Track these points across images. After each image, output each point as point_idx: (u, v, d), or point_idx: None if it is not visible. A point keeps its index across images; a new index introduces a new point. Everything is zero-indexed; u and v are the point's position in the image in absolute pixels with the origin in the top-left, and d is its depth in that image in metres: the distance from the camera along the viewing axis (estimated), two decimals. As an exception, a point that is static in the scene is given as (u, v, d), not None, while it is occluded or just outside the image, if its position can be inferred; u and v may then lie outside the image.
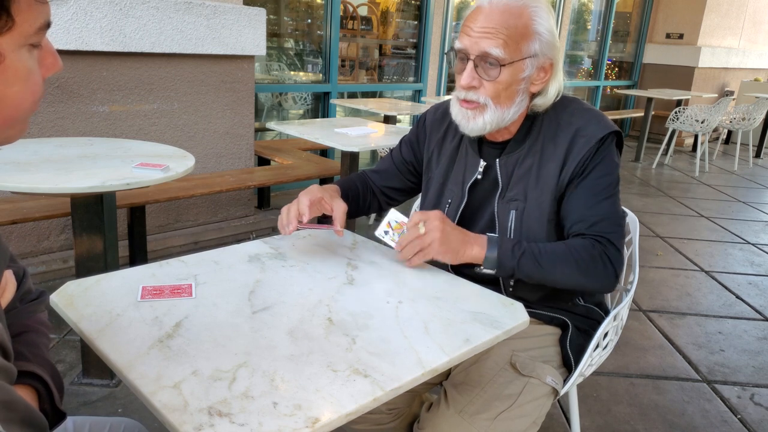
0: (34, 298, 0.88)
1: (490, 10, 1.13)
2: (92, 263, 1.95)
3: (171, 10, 2.94)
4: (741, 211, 5.02)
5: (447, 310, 1.03)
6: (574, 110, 1.26)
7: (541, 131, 1.25)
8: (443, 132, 1.38)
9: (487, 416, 1.13)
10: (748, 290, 3.31)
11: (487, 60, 1.14)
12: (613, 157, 1.22)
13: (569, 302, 1.33)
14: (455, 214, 1.32)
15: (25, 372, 0.76)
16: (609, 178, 1.21)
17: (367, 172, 1.49)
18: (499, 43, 1.12)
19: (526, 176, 1.24)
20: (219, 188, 3.00)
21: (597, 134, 1.20)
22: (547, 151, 1.23)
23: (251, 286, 1.06)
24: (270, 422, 0.70)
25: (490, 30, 1.12)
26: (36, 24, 0.58)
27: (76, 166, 1.85)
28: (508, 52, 1.13)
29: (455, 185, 1.33)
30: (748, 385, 2.34)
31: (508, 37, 1.12)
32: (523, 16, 1.13)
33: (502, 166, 1.27)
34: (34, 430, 0.61)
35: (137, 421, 1.04)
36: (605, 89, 8.12)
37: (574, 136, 1.21)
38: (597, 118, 1.24)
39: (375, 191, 1.47)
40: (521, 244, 1.16)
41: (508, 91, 1.17)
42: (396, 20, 5.56)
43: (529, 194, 1.24)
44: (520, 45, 1.14)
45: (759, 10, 8.62)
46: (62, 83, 2.75)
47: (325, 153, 4.70)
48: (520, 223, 1.24)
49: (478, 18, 1.14)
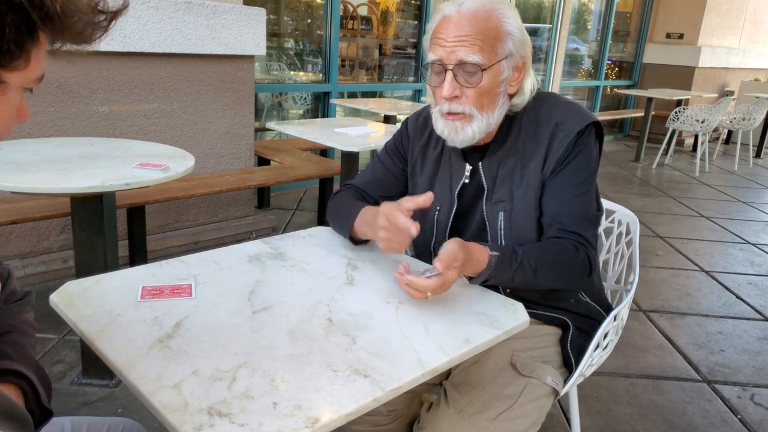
0: (19, 299, 0.88)
1: (459, 19, 1.13)
2: (92, 263, 1.95)
3: (171, 10, 2.94)
4: (741, 211, 5.02)
5: (447, 310, 1.03)
6: (552, 105, 1.26)
7: (521, 130, 1.25)
8: (426, 139, 1.37)
9: (487, 416, 1.13)
10: (748, 290, 3.31)
11: (465, 68, 1.14)
12: (591, 150, 1.23)
13: (570, 301, 1.33)
14: (447, 220, 1.33)
15: (9, 371, 0.76)
16: (585, 173, 1.21)
17: (357, 186, 1.45)
18: (475, 50, 1.12)
19: (510, 176, 1.24)
20: (219, 188, 3.00)
21: (576, 127, 1.20)
22: (528, 149, 1.23)
23: (251, 286, 1.06)
24: (270, 422, 0.70)
25: (464, 38, 1.12)
26: (38, 73, 0.63)
27: (76, 166, 1.85)
28: (485, 57, 1.13)
29: (443, 191, 1.33)
30: (748, 385, 2.34)
31: (483, 42, 1.13)
32: (492, 19, 1.14)
33: (486, 169, 1.27)
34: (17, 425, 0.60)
35: (136, 421, 1.04)
36: (605, 89, 8.12)
37: (554, 130, 1.21)
38: (575, 111, 1.24)
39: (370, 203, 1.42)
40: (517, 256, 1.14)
41: (490, 96, 1.17)
42: (396, 20, 5.56)
43: (515, 194, 1.24)
44: (495, 48, 1.14)
45: (759, 10, 8.62)
46: (62, 83, 2.75)
47: (325, 153, 4.70)
48: (509, 223, 1.24)
49: (448, 28, 1.14)
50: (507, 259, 1.12)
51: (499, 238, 1.26)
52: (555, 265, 1.17)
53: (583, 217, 1.21)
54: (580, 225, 1.20)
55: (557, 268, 1.17)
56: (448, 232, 1.33)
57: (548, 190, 1.22)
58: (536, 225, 1.23)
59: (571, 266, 1.18)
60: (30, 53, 0.59)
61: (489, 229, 1.27)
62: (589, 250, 1.20)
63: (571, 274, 1.20)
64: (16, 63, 0.58)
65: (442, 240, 1.34)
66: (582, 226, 1.20)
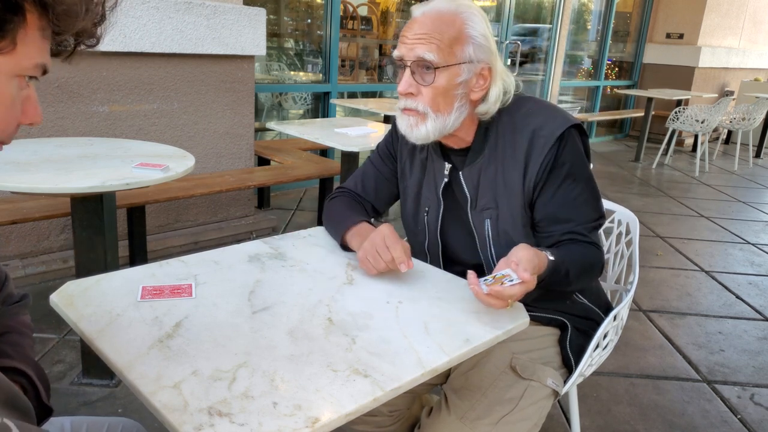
0: (16, 301, 0.88)
1: (423, 19, 1.15)
2: (92, 263, 1.95)
3: (171, 10, 2.94)
4: (741, 211, 5.02)
5: (447, 310, 1.03)
6: (529, 110, 1.23)
7: (498, 136, 1.23)
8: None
9: (488, 421, 1.13)
10: (748, 290, 3.31)
11: (422, 65, 1.15)
12: (578, 155, 1.21)
13: (566, 302, 1.33)
14: (436, 222, 1.33)
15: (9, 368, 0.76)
16: (582, 178, 1.21)
17: (350, 191, 1.44)
18: (432, 48, 1.13)
19: (493, 184, 1.24)
20: (219, 188, 3.00)
21: (555, 132, 1.18)
22: (506, 157, 1.22)
23: (251, 286, 1.06)
24: (270, 422, 0.70)
25: (423, 36, 1.13)
26: (34, 60, 0.60)
27: (76, 166, 1.85)
28: (441, 56, 1.13)
29: (429, 192, 1.34)
30: (748, 385, 2.34)
31: (441, 41, 1.13)
32: (456, 22, 1.14)
33: (467, 177, 1.26)
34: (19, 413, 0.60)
35: (136, 421, 1.04)
36: (605, 89, 8.12)
37: (532, 137, 1.19)
38: (553, 115, 1.22)
39: (366, 207, 1.43)
40: (564, 262, 1.13)
41: (446, 97, 1.17)
42: (396, 20, 5.56)
43: (499, 201, 1.23)
44: (453, 49, 1.14)
45: (759, 10, 8.62)
46: (62, 83, 2.75)
47: (325, 153, 4.70)
48: (496, 231, 1.24)
49: (413, 27, 1.16)
50: (558, 264, 1.11)
51: (487, 245, 1.26)
52: (584, 269, 1.19)
53: (592, 224, 1.22)
54: (592, 232, 1.22)
55: (586, 271, 1.20)
56: (439, 233, 1.33)
57: (550, 204, 1.20)
58: (522, 232, 1.23)
59: (594, 270, 1.23)
60: (16, 34, 0.56)
61: (477, 237, 1.28)
62: (602, 254, 1.24)
63: (591, 278, 1.25)
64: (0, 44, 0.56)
65: (434, 241, 1.34)
66: (593, 233, 1.22)
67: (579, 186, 1.20)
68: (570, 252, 1.17)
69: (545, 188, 1.20)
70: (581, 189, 1.21)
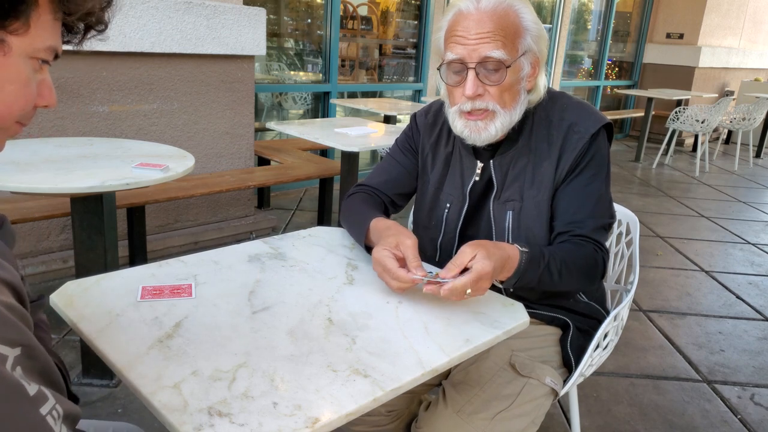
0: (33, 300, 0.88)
1: (479, 16, 1.11)
2: (92, 263, 1.95)
3: (171, 10, 2.94)
4: (741, 211, 5.02)
5: (447, 310, 1.03)
6: (564, 105, 1.25)
7: (532, 129, 1.24)
8: (436, 136, 1.36)
9: (484, 416, 1.13)
10: (748, 290, 3.31)
11: (487, 65, 1.13)
12: (604, 153, 1.23)
13: (570, 301, 1.33)
14: (458, 218, 1.32)
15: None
16: (600, 177, 1.22)
17: (369, 186, 1.42)
18: (498, 45, 1.11)
19: (521, 176, 1.24)
20: (219, 188, 3.00)
21: (590, 129, 1.20)
22: (540, 150, 1.23)
23: (251, 286, 1.06)
24: (270, 422, 0.70)
25: (486, 34, 1.11)
26: (47, 42, 0.61)
27: (76, 166, 1.85)
28: (508, 53, 1.12)
29: (453, 188, 1.32)
30: (748, 385, 2.34)
31: (505, 38, 1.12)
32: (510, 14, 1.13)
33: (497, 167, 1.26)
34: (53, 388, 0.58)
35: (139, 428, 1.03)
36: (605, 89, 8.12)
37: (568, 132, 1.21)
38: (588, 112, 1.24)
39: (385, 202, 1.42)
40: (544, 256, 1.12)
41: (512, 93, 1.16)
42: (396, 20, 5.56)
43: (525, 194, 1.23)
44: (515, 43, 1.14)
45: (759, 10, 8.62)
46: (62, 83, 2.75)
47: (325, 153, 4.70)
48: (517, 223, 1.24)
49: (468, 25, 1.12)
50: (536, 258, 1.10)
51: (506, 238, 1.25)
52: (578, 268, 1.17)
53: (599, 222, 1.21)
54: (596, 231, 1.20)
55: (580, 271, 1.18)
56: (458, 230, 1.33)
57: (563, 194, 1.21)
58: (546, 227, 1.22)
59: (591, 270, 1.19)
60: (29, 16, 0.57)
61: (495, 228, 1.26)
62: (605, 255, 1.21)
63: (588, 279, 1.21)
64: (13, 24, 0.57)
65: (452, 237, 1.33)
66: (598, 231, 1.21)
67: (596, 183, 1.21)
68: (560, 248, 1.18)
69: (570, 181, 1.21)
70: (597, 186, 1.21)
